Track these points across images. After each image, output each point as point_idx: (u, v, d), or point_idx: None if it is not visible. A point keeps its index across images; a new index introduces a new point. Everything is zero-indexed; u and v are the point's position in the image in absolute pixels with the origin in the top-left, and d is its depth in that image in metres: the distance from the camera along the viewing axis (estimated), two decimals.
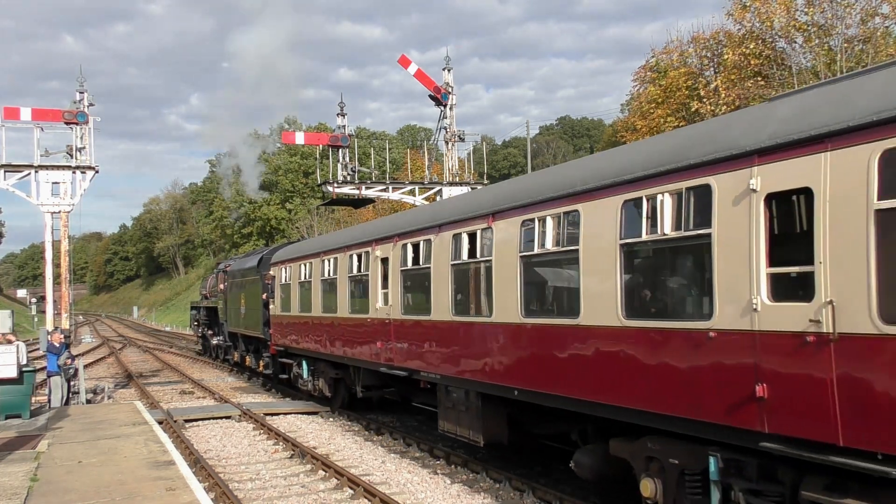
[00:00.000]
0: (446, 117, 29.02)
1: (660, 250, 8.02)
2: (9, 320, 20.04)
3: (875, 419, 5.61)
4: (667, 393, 7.58)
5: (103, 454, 12.69)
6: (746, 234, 6.67)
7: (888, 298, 5.45)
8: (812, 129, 6.18)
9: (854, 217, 5.76)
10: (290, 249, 22.43)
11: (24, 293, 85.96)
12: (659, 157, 7.90)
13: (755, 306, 6.58)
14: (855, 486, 5.96)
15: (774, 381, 6.41)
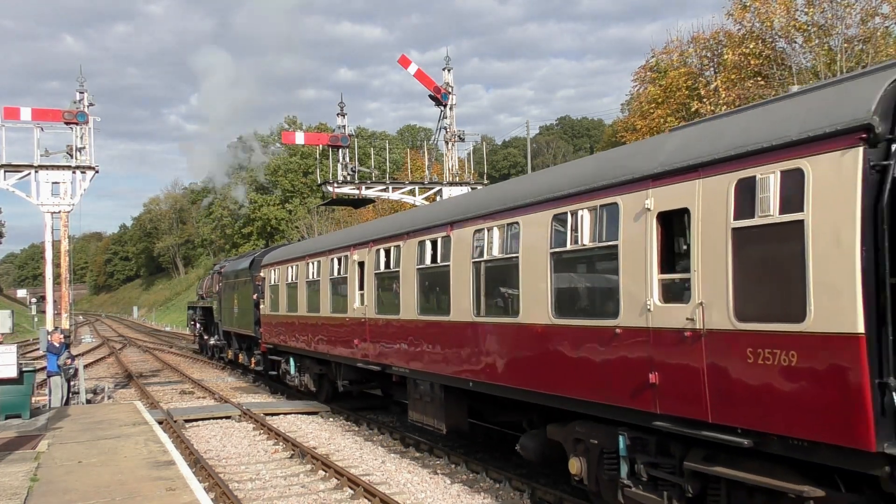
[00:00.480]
0: (446, 117, 29.02)
1: (581, 258, 9.27)
2: (9, 320, 20.06)
3: (733, 400, 6.87)
4: (587, 382, 8.78)
5: (103, 454, 12.69)
6: (643, 245, 7.89)
7: (740, 300, 6.73)
8: (690, 159, 7.43)
9: (717, 234, 6.98)
10: (279, 252, 23.73)
11: (24, 293, 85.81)
12: (581, 178, 9.18)
13: (649, 307, 7.78)
14: (723, 457, 7.15)
15: (663, 369, 7.60)
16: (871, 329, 5.84)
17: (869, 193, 5.86)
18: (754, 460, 6.91)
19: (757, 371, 6.60)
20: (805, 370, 6.24)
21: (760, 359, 6.57)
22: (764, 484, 6.71)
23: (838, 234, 5.95)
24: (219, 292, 31.96)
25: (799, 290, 6.23)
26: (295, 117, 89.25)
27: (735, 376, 6.82)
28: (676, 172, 7.54)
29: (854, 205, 5.86)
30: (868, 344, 5.82)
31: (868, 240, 5.85)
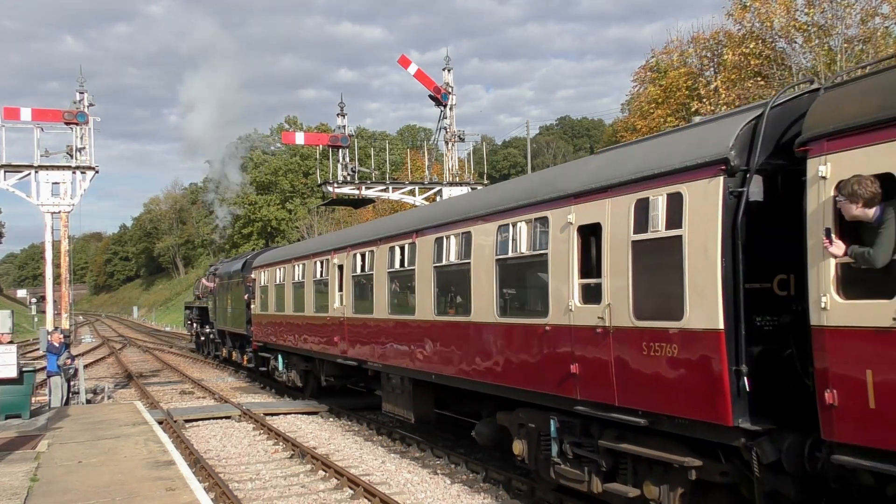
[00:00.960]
0: (446, 117, 29.02)
1: (520, 264, 10.37)
2: (9, 320, 20.04)
3: (633, 386, 8.09)
4: (526, 373, 9.98)
5: (103, 454, 12.69)
6: (567, 254, 9.11)
7: (638, 302, 7.94)
8: (602, 181, 8.66)
9: (621, 245, 8.19)
10: (268, 255, 25.09)
11: (24, 293, 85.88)
12: (521, 194, 10.38)
13: (571, 308, 9.01)
14: (630, 435, 8.31)
15: (582, 361, 8.87)
16: (729, 325, 6.97)
17: (728, 214, 7.03)
18: (655, 438, 8.03)
19: (650, 361, 7.83)
20: (683, 360, 7.45)
21: (652, 351, 7.81)
22: (656, 457, 7.97)
23: (705, 247, 7.15)
24: (213, 293, 33.09)
25: (679, 293, 7.41)
26: (295, 117, 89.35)
27: (634, 366, 8.07)
28: (592, 192, 8.79)
29: (716, 223, 7.05)
30: (727, 338, 6.97)
31: (727, 252, 7.01)
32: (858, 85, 6.62)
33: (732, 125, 7.28)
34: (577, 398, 8.94)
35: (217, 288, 32.30)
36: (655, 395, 7.78)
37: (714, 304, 7.03)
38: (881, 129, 5.86)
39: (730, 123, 7.40)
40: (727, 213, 7.02)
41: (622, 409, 8.22)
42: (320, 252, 18.67)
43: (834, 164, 6.20)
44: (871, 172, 5.87)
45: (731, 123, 7.37)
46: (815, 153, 6.38)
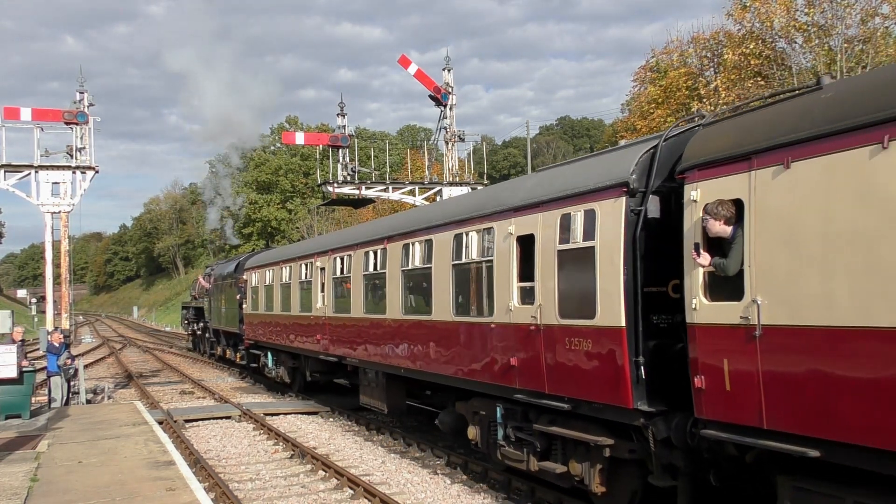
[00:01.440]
0: (446, 117, 29.02)
1: (471, 269, 11.52)
2: (9, 320, 20.05)
3: (558, 375, 9.31)
4: (477, 366, 11.18)
5: (103, 454, 12.69)
6: (508, 261, 10.31)
7: (562, 303, 9.21)
8: (535, 198, 9.91)
9: (550, 254, 9.40)
10: (259, 257, 26.34)
11: (24, 293, 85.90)
12: (473, 207, 11.72)
13: (511, 308, 10.21)
14: (560, 419, 9.54)
15: (519, 355, 10.06)
16: (629, 323, 8.19)
17: (629, 229, 8.21)
18: (578, 421, 9.18)
19: (571, 354, 9.08)
20: (596, 353, 8.68)
21: (573, 345, 9.05)
22: (577, 437, 9.19)
23: (612, 256, 8.34)
24: (209, 293, 34.23)
25: (592, 296, 8.60)
26: (296, 117, 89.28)
27: (559, 359, 9.30)
28: (528, 207, 10.02)
29: (620, 236, 8.24)
30: (627, 333, 8.18)
31: (629, 261, 8.19)
32: (723, 124, 7.74)
33: (634, 153, 8.53)
34: (516, 387, 10.19)
35: (212, 289, 33.35)
36: (576, 384, 9.05)
37: (617, 305, 8.28)
38: (734, 163, 7.08)
39: (633, 151, 8.65)
40: (629, 228, 8.26)
41: (551, 396, 9.47)
42: (305, 255, 19.89)
43: (702, 190, 7.39)
44: (728, 198, 7.08)
45: (633, 151, 8.63)
46: (690, 180, 7.59)
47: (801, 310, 6.36)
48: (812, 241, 6.29)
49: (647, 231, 8.20)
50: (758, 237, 6.78)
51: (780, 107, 7.23)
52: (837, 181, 6.09)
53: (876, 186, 5.77)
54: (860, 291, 5.87)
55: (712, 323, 7.21)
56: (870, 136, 5.82)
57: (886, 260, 5.67)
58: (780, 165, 6.59)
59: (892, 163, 5.67)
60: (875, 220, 5.78)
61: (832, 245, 6.12)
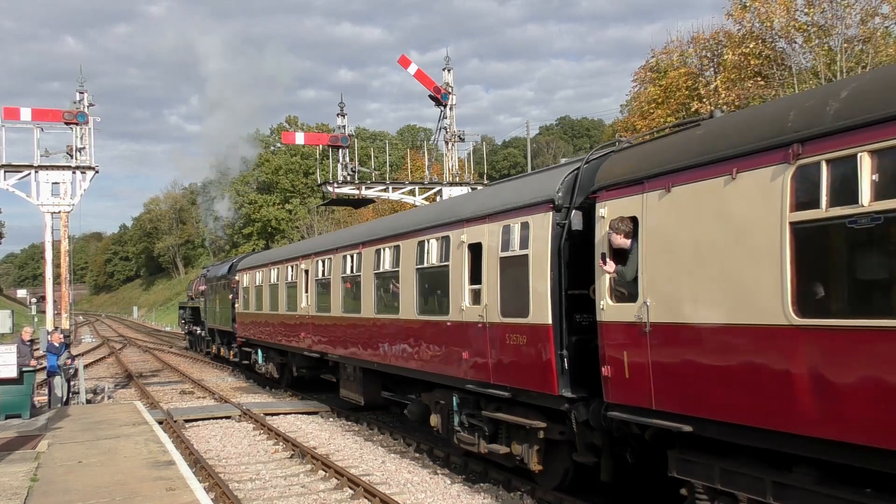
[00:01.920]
0: (446, 117, 29.01)
1: (432, 273, 12.75)
2: (9, 320, 20.03)
3: (501, 367, 10.59)
4: (438, 360, 12.33)
5: (103, 454, 12.69)
6: (461, 266, 11.57)
7: (503, 303, 10.46)
8: (483, 210, 11.27)
9: (494, 260, 10.71)
10: (250, 259, 27.96)
11: (24, 293, 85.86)
12: (434, 217, 13.04)
13: (463, 308, 11.47)
14: (505, 407, 10.80)
15: (469, 349, 11.30)
16: (555, 321, 9.46)
17: (555, 239, 9.52)
18: (519, 407, 10.40)
19: (510, 348, 10.35)
20: (529, 346, 9.92)
21: (512, 340, 10.31)
22: (516, 422, 10.47)
23: (541, 263, 9.64)
24: (204, 294, 35.52)
25: (526, 297, 9.86)
26: (296, 117, 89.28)
27: (501, 352, 10.55)
28: (477, 218, 11.30)
29: (547, 246, 9.57)
30: (554, 330, 9.46)
31: (555, 267, 9.50)
32: (627, 152, 9.14)
33: (561, 174, 9.93)
34: (468, 379, 11.41)
35: (207, 289, 34.63)
36: (515, 374, 10.29)
37: (545, 305, 9.55)
38: (631, 186, 8.32)
39: (560, 172, 10.04)
40: (555, 239, 9.53)
41: (496, 386, 10.72)
42: (291, 258, 21.20)
43: (608, 208, 8.64)
44: (627, 215, 8.31)
45: (560, 172, 10.04)
46: (600, 199, 8.88)
47: (678, 310, 7.63)
48: (685, 254, 7.58)
49: (570, 241, 9.49)
50: (647, 249, 8.06)
51: (668, 139, 8.62)
52: (702, 204, 7.35)
53: (728, 209, 7.04)
54: (717, 295, 7.16)
55: (615, 321, 8.48)
56: (724, 169, 7.08)
57: (735, 269, 6.94)
58: (664, 189, 7.85)
59: (738, 191, 6.92)
60: (727, 237, 7.05)
61: (698, 257, 7.40)
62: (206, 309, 34.75)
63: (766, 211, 6.62)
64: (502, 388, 10.51)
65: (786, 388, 6.46)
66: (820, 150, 6.21)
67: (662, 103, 33.00)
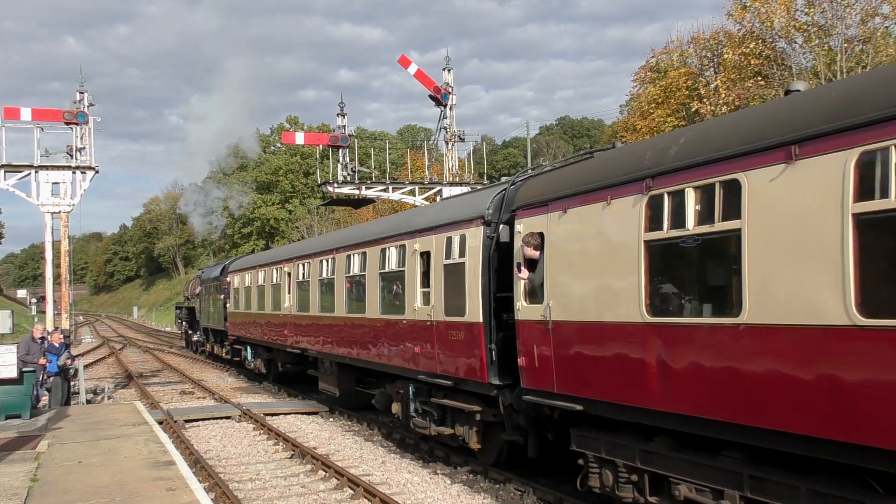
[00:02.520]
0: (446, 117, 29.02)
1: (391, 276, 14.44)
2: (9, 320, 20.01)
3: (445, 359, 12.18)
4: (397, 355, 14.05)
5: (103, 454, 12.69)
6: (414, 271, 13.23)
7: (446, 304, 12.05)
8: (431, 223, 12.86)
9: (440, 266, 12.31)
10: (240, 262, 29.62)
11: (24, 293, 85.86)
12: (394, 227, 14.71)
13: (415, 308, 13.09)
14: (450, 394, 12.39)
15: (421, 345, 12.95)
16: (486, 319, 11.06)
17: (486, 249, 11.19)
18: (461, 394, 12.02)
19: (452, 343, 11.93)
20: (465, 341, 11.52)
21: (452, 336, 11.90)
22: (457, 407, 12.16)
23: (475, 270, 11.29)
24: (199, 295, 37.14)
25: (463, 299, 11.49)
26: (296, 117, 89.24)
27: (446, 346, 12.14)
28: (427, 230, 12.93)
29: (479, 255, 11.24)
30: (484, 327, 11.07)
31: (486, 273, 11.14)
32: (539, 178, 10.88)
33: (491, 193, 11.60)
34: (420, 370, 13.02)
35: (202, 290, 36.32)
36: (455, 365, 11.85)
37: (478, 306, 11.15)
38: (539, 207, 10.02)
39: (491, 192, 11.70)
40: (486, 249, 11.19)
41: (441, 376, 12.28)
42: (276, 261, 22.99)
43: (523, 224, 10.29)
44: (536, 231, 9.90)
45: (491, 192, 11.71)
46: (517, 217, 10.51)
47: (571, 310, 9.24)
48: (576, 264, 9.21)
49: (498, 251, 11.09)
50: (550, 259, 9.65)
51: (568, 168, 10.44)
52: (588, 224, 9.01)
53: (604, 229, 8.70)
54: (597, 298, 8.74)
55: (528, 319, 10.06)
56: (602, 196, 8.70)
57: (608, 277, 8.58)
58: (562, 211, 9.49)
59: (612, 214, 8.54)
60: (603, 251, 8.67)
61: (585, 267, 9.02)
62: (201, 309, 36.32)
63: (630, 231, 8.21)
64: (447, 377, 12.14)
65: (642, 372, 8.06)
66: (664, 185, 7.79)
67: (662, 103, 32.98)
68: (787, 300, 6.44)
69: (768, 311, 6.58)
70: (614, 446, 8.83)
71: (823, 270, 6.13)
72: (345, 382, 18.02)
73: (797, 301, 6.37)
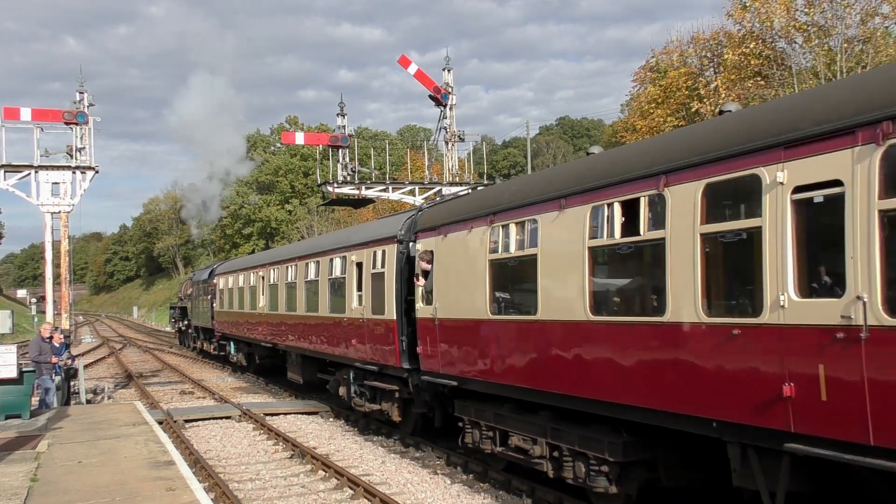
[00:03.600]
0: (446, 117, 29.00)
1: (336, 282, 17.53)
2: (9, 320, 20.00)
3: (372, 349, 15.17)
4: (341, 346, 17.10)
5: (103, 454, 12.68)
6: (352, 277, 16.38)
7: (374, 305, 14.99)
8: (364, 239, 16.07)
9: (368, 274, 15.50)
10: (225, 266, 33.21)
11: (24, 293, 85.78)
12: (340, 241, 18.13)
13: (353, 308, 16.30)
14: (378, 378, 15.30)
15: (357, 338, 15.91)
16: (399, 317, 14.07)
17: (399, 262, 14.24)
18: (385, 377, 15.05)
19: (377, 336, 14.97)
20: (385, 335, 14.53)
21: (376, 331, 14.92)
22: (382, 387, 15.27)
23: (391, 278, 14.32)
24: (191, 295, 40.50)
25: (384, 301, 14.58)
26: (296, 117, 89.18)
27: (373, 339, 15.18)
28: (361, 245, 16.22)
29: (394, 267, 14.30)
30: (398, 324, 14.05)
31: (399, 280, 14.20)
32: (434, 208, 14.22)
33: (403, 218, 14.82)
34: (356, 359, 16.11)
35: (193, 292, 39.66)
36: (379, 354, 14.92)
37: (393, 307, 14.27)
38: (431, 231, 13.21)
39: (404, 216, 14.94)
40: (399, 262, 14.29)
41: (371, 363, 15.36)
42: (253, 266, 26.34)
43: (421, 243, 13.53)
44: (429, 249, 13.14)
45: (404, 217, 14.94)
46: (418, 237, 13.74)
47: (449, 310, 12.48)
48: (451, 275, 12.39)
49: (409, 264, 14.12)
50: (437, 271, 12.92)
51: (453, 202, 13.75)
52: (458, 245, 12.24)
53: (468, 248, 11.94)
54: (464, 301, 11.96)
55: (424, 317, 13.33)
56: (466, 225, 12.01)
57: (468, 286, 11.75)
58: (444, 235, 12.70)
59: (471, 239, 11.79)
60: (467, 266, 11.89)
61: (456, 278, 12.19)
62: (192, 308, 39.63)
63: (482, 252, 11.48)
64: (374, 364, 15.20)
65: (490, 355, 11.28)
66: (501, 220, 11.03)
67: (662, 103, 32.99)
68: (558, 304, 9.67)
69: (550, 311, 9.86)
70: (480, 412, 11.91)
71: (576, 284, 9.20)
72: (308, 371, 20.73)
73: (565, 304, 9.50)
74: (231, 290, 28.88)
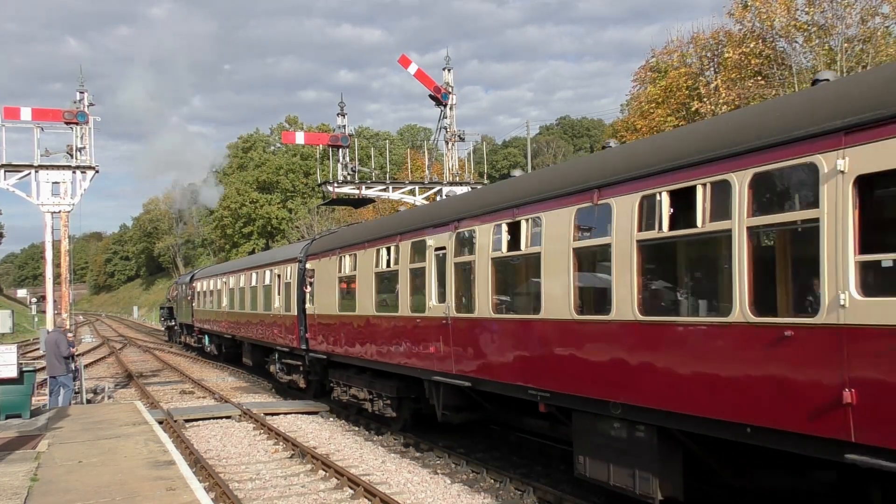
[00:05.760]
0: (446, 117, 28.98)
1: (266, 288, 23.83)
2: (9, 320, 19.99)
3: (287, 336, 21.88)
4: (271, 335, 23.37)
5: (103, 454, 12.67)
6: (273, 285, 23.21)
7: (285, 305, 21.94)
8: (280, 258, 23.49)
9: (283, 283, 22.32)
10: (202, 272, 39.39)
11: (25, 293, 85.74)
12: (268, 258, 25.54)
13: (275, 307, 22.94)
14: (290, 357, 21.99)
15: (278, 329, 22.61)
16: (299, 314, 20.26)
17: (299, 276, 20.49)
18: (295, 357, 21.34)
19: (286, 327, 21.36)
20: (291, 326, 20.85)
21: (287, 323, 21.28)
22: (291, 363, 21.73)
23: (292, 287, 21.02)
24: (176, 297, 46.47)
25: (290, 301, 21.00)
26: (296, 117, 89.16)
27: (285, 329, 21.53)
28: (278, 262, 22.92)
29: (296, 278, 20.72)
30: (298, 318, 20.33)
31: (298, 288, 20.46)
32: (322, 238, 20.52)
33: (302, 245, 21.70)
34: (277, 343, 22.40)
35: (178, 293, 45.37)
36: (289, 339, 20.80)
37: (294, 306, 20.37)
38: (315, 255, 19.59)
39: (303, 244, 21.89)
40: (299, 276, 20.31)
41: (284, 346, 21.49)
42: (220, 273, 32.54)
43: (310, 263, 19.75)
44: (312, 267, 19.49)
45: (303, 244, 21.88)
46: (308, 259, 19.96)
47: (322, 308, 18.54)
48: (323, 285, 18.57)
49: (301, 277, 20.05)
50: (316, 283, 18.98)
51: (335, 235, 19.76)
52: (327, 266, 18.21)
53: (329, 269, 18.02)
54: (328, 302, 18.17)
55: (311, 313, 19.24)
56: (329, 254, 18.28)
57: (331, 293, 18.04)
58: (320, 259, 18.93)
59: (332, 262, 17.86)
60: (330, 279, 18.08)
61: (325, 287, 18.38)
62: (177, 308, 45.65)
63: (334, 272, 17.57)
64: (287, 347, 21.36)
65: (340, 337, 17.05)
66: (347, 251, 16.89)
67: (662, 103, 32.98)
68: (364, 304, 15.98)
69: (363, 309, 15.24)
70: (342, 376, 17.79)
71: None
72: (256, 357, 26.39)
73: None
74: (205, 292, 34.89)
